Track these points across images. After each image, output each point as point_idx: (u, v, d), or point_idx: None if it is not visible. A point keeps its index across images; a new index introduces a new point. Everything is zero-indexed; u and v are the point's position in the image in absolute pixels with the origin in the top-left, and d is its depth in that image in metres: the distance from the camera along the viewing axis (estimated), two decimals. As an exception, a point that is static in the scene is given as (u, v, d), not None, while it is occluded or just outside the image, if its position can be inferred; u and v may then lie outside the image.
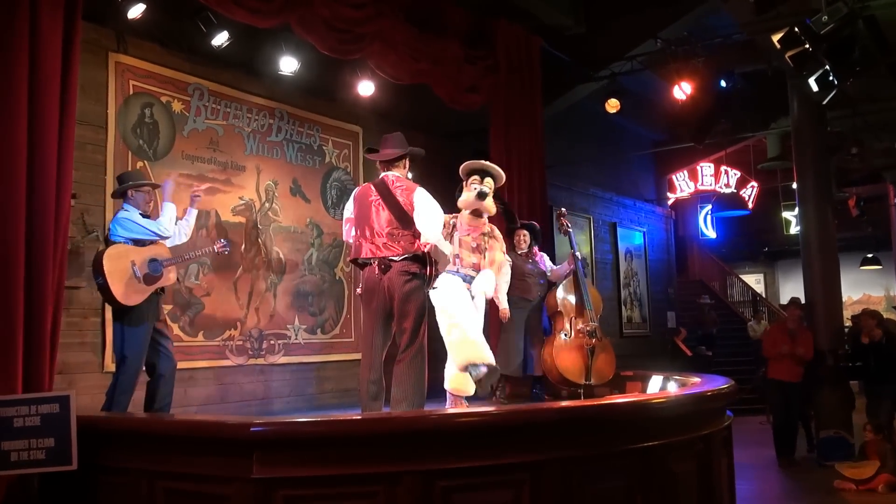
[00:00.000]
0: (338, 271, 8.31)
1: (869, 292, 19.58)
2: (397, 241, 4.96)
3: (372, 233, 5.02)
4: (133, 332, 5.22)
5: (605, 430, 3.85)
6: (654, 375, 6.55)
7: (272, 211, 7.74)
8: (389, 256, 4.95)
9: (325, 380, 8.00)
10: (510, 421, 3.66)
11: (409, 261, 4.95)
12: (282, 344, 7.64)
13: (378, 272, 4.96)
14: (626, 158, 14.37)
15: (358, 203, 5.17)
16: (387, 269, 4.94)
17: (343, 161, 8.52)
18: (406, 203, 4.99)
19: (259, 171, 7.64)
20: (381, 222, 5.00)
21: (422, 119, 8.84)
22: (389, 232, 4.97)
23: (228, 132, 7.39)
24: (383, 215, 5.00)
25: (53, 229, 4.56)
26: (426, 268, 5.03)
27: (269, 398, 7.41)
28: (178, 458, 3.57)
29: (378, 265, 4.96)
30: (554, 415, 3.88)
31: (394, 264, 4.94)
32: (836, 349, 8.89)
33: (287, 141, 7.94)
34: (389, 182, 5.10)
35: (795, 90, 9.21)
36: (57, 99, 4.62)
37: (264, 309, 7.53)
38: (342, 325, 8.27)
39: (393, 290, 4.93)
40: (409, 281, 4.94)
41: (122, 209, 5.45)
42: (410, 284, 4.94)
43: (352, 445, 3.43)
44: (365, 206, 5.09)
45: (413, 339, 4.94)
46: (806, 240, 9.39)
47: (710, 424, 4.52)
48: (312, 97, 8.15)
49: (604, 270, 12.79)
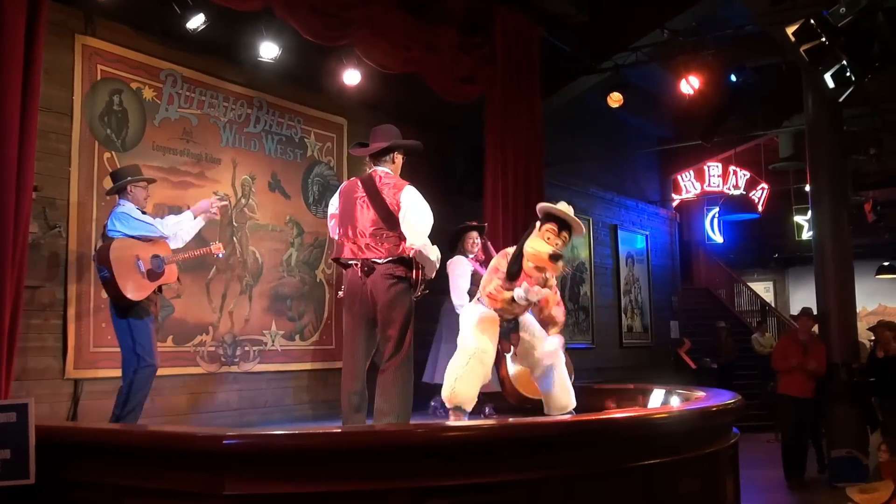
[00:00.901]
0: (319, 273, 8.29)
1: (885, 303, 19.67)
2: (381, 242, 4.93)
3: (355, 232, 4.99)
4: (141, 327, 5.44)
5: (605, 447, 3.86)
6: (656, 389, 6.56)
7: (249, 207, 7.71)
8: (373, 259, 4.92)
9: (303, 390, 7.97)
10: (505, 436, 3.66)
11: (393, 263, 4.92)
12: (257, 351, 7.61)
13: (361, 275, 4.94)
14: (628, 156, 14.41)
15: (343, 198, 5.14)
16: (370, 272, 4.91)
17: (326, 155, 8.50)
18: (393, 203, 4.95)
19: (235, 164, 7.61)
20: (364, 221, 4.97)
21: (412, 111, 8.83)
22: (373, 232, 4.94)
23: (203, 122, 7.36)
24: (368, 214, 4.96)
25: (13, 224, 4.53)
26: (412, 271, 4.99)
27: (243, 409, 7.38)
28: (145, 473, 3.54)
29: (361, 267, 4.94)
30: (552, 430, 3.88)
31: (377, 267, 4.91)
32: (849, 363, 8.93)
33: (266, 132, 7.92)
34: (377, 178, 5.07)
35: (810, 86, 9.24)
36: (19, 83, 4.59)
37: (239, 313, 7.50)
38: (322, 331, 8.25)
39: (377, 294, 4.91)
40: (394, 285, 4.91)
41: (119, 205, 5.66)
42: (395, 289, 4.91)
43: (333, 461, 3.41)
44: (350, 203, 5.06)
45: (398, 347, 4.92)
46: (819, 246, 9.43)
47: (715, 442, 4.53)
48: (294, 86, 8.13)
49: (603, 276, 12.82)
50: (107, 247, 5.47)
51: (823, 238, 9.38)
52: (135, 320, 5.49)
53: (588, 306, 12.30)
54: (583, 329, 12.13)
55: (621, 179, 14.14)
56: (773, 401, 9.81)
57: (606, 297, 12.86)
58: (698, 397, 5.37)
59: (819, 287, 9.36)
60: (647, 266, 14.12)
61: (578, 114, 11.87)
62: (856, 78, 6.31)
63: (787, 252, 20.14)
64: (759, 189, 17.36)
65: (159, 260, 5.64)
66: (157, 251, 5.68)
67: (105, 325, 6.38)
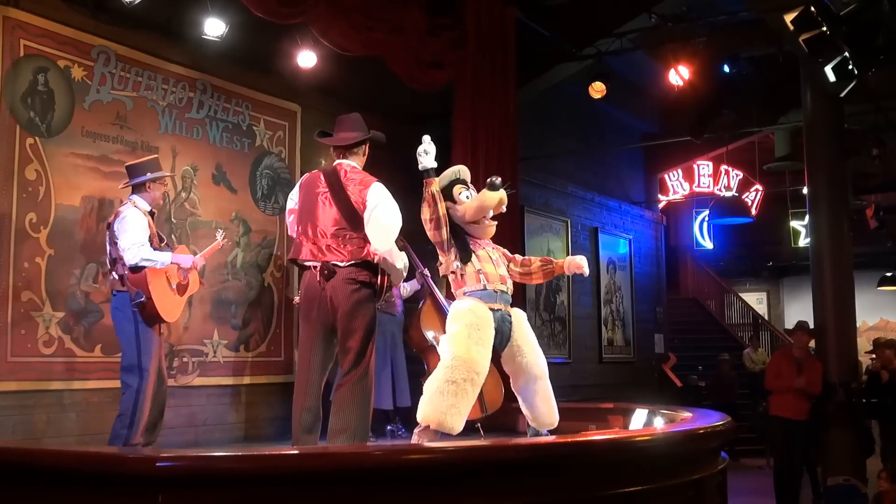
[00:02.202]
0: (267, 277, 8.25)
1: (887, 317, 19.98)
2: (344, 244, 4.91)
3: (315, 231, 4.97)
4: (147, 339, 5.58)
5: (581, 473, 3.86)
6: (638, 409, 6.59)
7: (190, 202, 7.66)
8: (334, 262, 4.91)
9: (248, 407, 7.93)
10: (469, 460, 3.65)
11: (356, 267, 4.91)
12: (197, 362, 7.56)
13: (320, 279, 4.91)
14: (611, 153, 14.50)
15: (304, 192, 5.13)
16: (330, 276, 4.89)
17: (277, 145, 8.47)
18: (358, 201, 4.93)
19: (175, 153, 7.55)
20: (326, 220, 4.95)
21: (373, 99, 8.81)
22: (335, 232, 4.92)
23: (139, 106, 7.30)
24: (330, 212, 4.95)
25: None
26: (377, 277, 4.99)
27: (179, 427, 7.31)
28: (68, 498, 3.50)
29: (320, 271, 4.92)
30: (523, 453, 3.88)
31: (339, 271, 4.89)
32: (848, 382, 9.03)
33: (210, 119, 7.87)
34: (342, 172, 5.05)
35: (809, 80, 9.37)
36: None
37: (177, 320, 7.43)
38: (271, 341, 8.20)
39: (337, 301, 4.90)
40: (356, 291, 4.90)
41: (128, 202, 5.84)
42: (358, 296, 4.90)
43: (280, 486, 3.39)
44: (311, 198, 5.05)
45: (358, 360, 4.91)
46: (817, 254, 9.54)
47: (702, 468, 4.56)
48: (242, 68, 8.09)
49: (581, 284, 12.88)
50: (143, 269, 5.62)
51: (821, 245, 9.50)
52: (142, 332, 5.63)
53: (564, 317, 12.36)
54: (558, 342, 12.19)
55: (603, 178, 14.23)
56: (764, 423, 9.91)
57: (585, 308, 12.93)
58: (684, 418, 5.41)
59: (816, 299, 9.47)
60: (630, 273, 14.22)
61: (557, 105, 11.93)
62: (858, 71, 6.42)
63: (782, 260, 20.42)
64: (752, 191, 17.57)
65: (183, 270, 5.87)
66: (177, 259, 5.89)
67: (24, 332, 6.30)
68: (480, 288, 5.03)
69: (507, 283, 5.15)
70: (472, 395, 4.82)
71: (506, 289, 5.12)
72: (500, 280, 5.11)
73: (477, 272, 5.05)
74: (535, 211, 11.73)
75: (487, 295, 5.03)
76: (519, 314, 5.20)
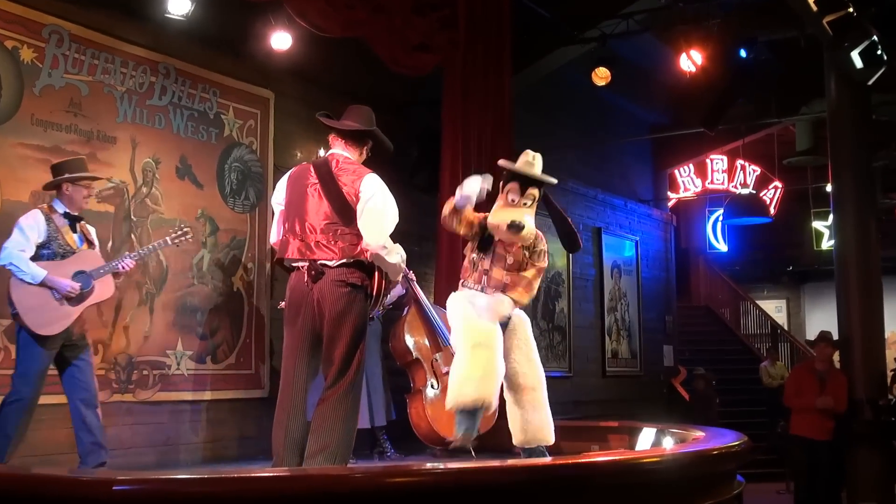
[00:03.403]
0: (236, 280, 8.23)
1: (917, 327, 20.06)
2: (335, 240, 4.95)
3: (303, 227, 5.01)
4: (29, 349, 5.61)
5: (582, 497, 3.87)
6: (646, 427, 6.60)
7: (151, 198, 7.64)
8: (323, 260, 4.93)
9: (216, 424, 7.91)
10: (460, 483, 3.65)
11: (347, 268, 4.93)
12: (158, 375, 7.53)
13: (307, 280, 4.94)
14: (616, 146, 14.54)
15: (291, 186, 5.16)
16: (318, 277, 4.92)
17: (248, 135, 8.46)
18: (351, 192, 4.98)
19: (135, 144, 7.53)
20: (316, 214, 4.99)
21: (354, 85, 8.82)
22: (325, 227, 4.96)
23: (96, 91, 7.28)
24: (320, 206, 5.00)
25: None
26: (371, 279, 5.02)
27: (138, 447, 7.29)
28: (15, 525, 3.48)
29: (308, 270, 4.94)
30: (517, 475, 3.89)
31: (328, 271, 4.92)
32: (875, 399, 9.06)
33: (174, 106, 7.85)
34: (334, 162, 5.10)
35: (834, 66, 9.39)
36: None
37: (136, 328, 7.42)
38: (240, 351, 8.19)
39: (324, 304, 4.92)
40: (345, 294, 4.91)
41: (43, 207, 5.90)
42: (347, 299, 4.91)
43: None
44: (299, 192, 5.09)
45: (343, 371, 4.92)
46: (841, 258, 9.57)
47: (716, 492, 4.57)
48: (210, 50, 8.08)
49: (583, 290, 12.91)
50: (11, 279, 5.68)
51: (846, 248, 9.52)
52: (24, 340, 5.65)
53: (564, 326, 12.37)
54: (558, 354, 12.20)
55: (607, 173, 14.26)
56: (784, 443, 9.94)
57: (587, 316, 12.94)
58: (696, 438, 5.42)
59: (841, 307, 9.50)
60: (637, 278, 14.25)
61: (556, 93, 11.96)
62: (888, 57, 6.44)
63: (804, 264, 20.46)
64: (771, 188, 17.66)
65: (85, 276, 5.80)
66: (81, 265, 5.85)
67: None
68: (479, 289, 5.33)
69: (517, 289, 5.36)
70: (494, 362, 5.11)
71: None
72: (505, 286, 5.34)
73: (482, 271, 5.34)
74: (533, 209, 11.73)
75: None
76: (519, 319, 5.37)
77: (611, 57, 10.21)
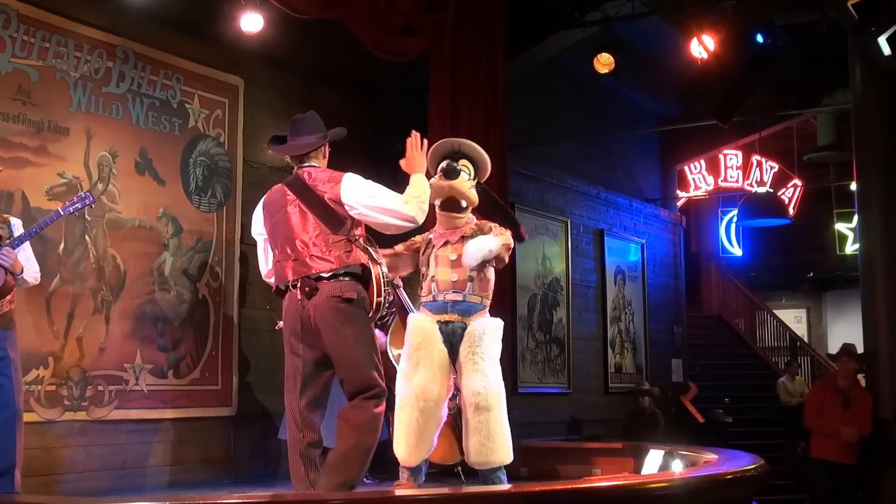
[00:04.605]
0: (202, 287, 8.21)
1: (950, 339, 20.13)
2: (328, 250, 5.10)
3: (293, 246, 5.17)
4: None
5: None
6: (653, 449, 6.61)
7: (108, 195, 7.62)
8: (320, 272, 5.06)
9: (178, 445, 7.88)
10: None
11: (342, 280, 5.07)
12: (115, 392, 7.51)
13: (300, 298, 5.08)
14: (620, 140, 14.55)
15: (269, 212, 5.34)
16: (312, 293, 5.06)
17: (215, 126, 8.44)
18: (332, 198, 5.13)
19: (90, 136, 7.51)
20: (303, 230, 5.16)
21: (333, 71, 8.82)
22: (316, 239, 5.12)
23: (46, 78, 7.25)
24: (306, 220, 5.17)
25: None
26: (368, 289, 5.16)
27: (92, 470, 7.27)
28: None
29: (301, 288, 5.08)
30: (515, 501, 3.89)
31: (322, 286, 5.05)
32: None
33: (133, 94, 7.83)
34: (306, 176, 5.27)
35: (859, 53, 9.43)
36: None
37: (91, 339, 7.40)
38: (205, 365, 8.16)
39: (320, 322, 5.07)
40: (343, 311, 5.05)
41: None
42: (344, 315, 5.05)
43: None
44: (280, 214, 5.26)
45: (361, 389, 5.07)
46: (867, 263, 9.59)
47: (729, 520, 4.58)
48: (173, 32, 8.07)
49: (583, 297, 12.91)
50: None
51: (873, 253, 9.55)
52: None
53: (563, 338, 12.36)
54: (556, 368, 12.20)
55: (610, 170, 14.28)
56: (804, 467, 9.95)
57: (588, 326, 12.95)
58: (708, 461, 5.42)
59: (866, 317, 9.52)
60: (643, 285, 14.26)
61: (555, 81, 11.97)
62: (918, 43, 6.46)
63: (826, 271, 20.55)
64: (790, 186, 17.72)
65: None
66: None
67: None
68: (430, 299, 5.54)
69: (468, 288, 5.51)
70: (415, 422, 5.44)
71: (462, 297, 5.46)
72: (454, 287, 5.49)
73: (430, 279, 5.58)
74: (528, 209, 11.73)
75: (437, 306, 5.55)
76: (475, 328, 5.49)
77: (614, 42, 10.20)
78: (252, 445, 8.32)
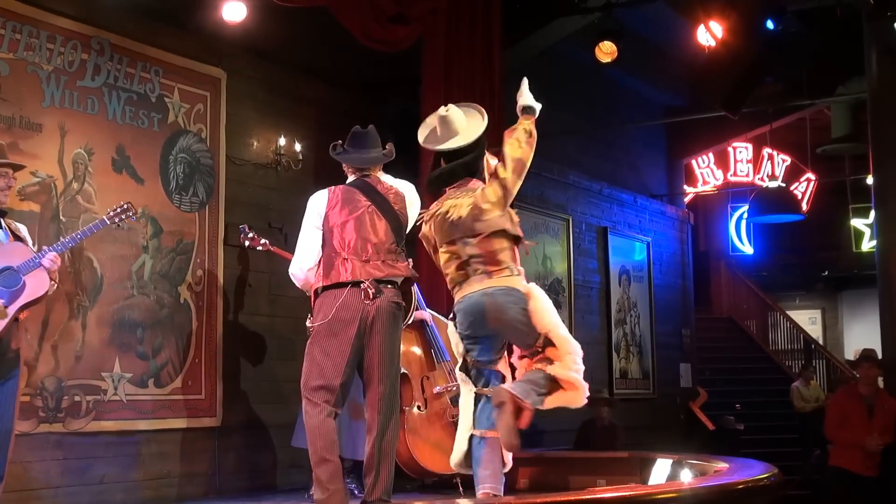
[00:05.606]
0: (183, 291, 8.20)
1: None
2: (397, 259, 5.77)
3: (365, 248, 5.70)
4: None
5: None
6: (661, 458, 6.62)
7: (83, 195, 7.61)
8: (392, 277, 5.68)
9: (160, 458, 7.88)
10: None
11: (398, 288, 5.73)
12: (92, 402, 7.50)
13: (365, 297, 5.56)
14: (624, 132, 14.57)
15: (343, 208, 5.77)
16: (377, 295, 5.59)
17: (196, 121, 8.44)
18: (402, 210, 5.85)
19: (64, 132, 7.51)
20: (381, 234, 5.75)
21: (319, 62, 8.82)
22: (390, 247, 5.75)
23: (17, 71, 7.25)
24: (382, 226, 5.77)
25: None
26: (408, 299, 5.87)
27: (69, 485, 7.26)
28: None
29: (367, 289, 5.57)
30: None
31: (386, 290, 5.65)
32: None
33: (109, 88, 7.83)
34: (379, 185, 5.90)
35: (875, 39, 9.45)
36: None
37: (66, 347, 7.39)
38: (188, 374, 8.16)
39: (378, 322, 5.60)
40: (398, 315, 5.73)
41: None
42: (397, 319, 5.74)
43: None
44: (356, 214, 5.76)
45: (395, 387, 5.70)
46: (885, 261, 9.62)
47: (742, 533, 4.59)
48: (150, 22, 8.06)
49: (586, 299, 12.92)
50: None
51: (891, 250, 9.58)
52: None
53: (565, 342, 12.37)
54: (558, 374, 12.19)
55: (614, 164, 14.29)
56: (821, 476, 9.96)
57: (591, 329, 12.96)
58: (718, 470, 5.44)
59: (885, 319, 9.55)
60: (649, 286, 14.27)
61: (554, 71, 11.96)
62: (937, 28, 6.47)
63: (842, 269, 20.56)
64: (803, 180, 17.73)
65: (13, 274, 5.82)
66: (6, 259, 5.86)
67: None
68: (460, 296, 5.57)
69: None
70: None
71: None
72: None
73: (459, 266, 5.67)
74: (527, 206, 11.70)
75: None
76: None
77: (617, 29, 10.22)
78: (238, 459, 8.31)
